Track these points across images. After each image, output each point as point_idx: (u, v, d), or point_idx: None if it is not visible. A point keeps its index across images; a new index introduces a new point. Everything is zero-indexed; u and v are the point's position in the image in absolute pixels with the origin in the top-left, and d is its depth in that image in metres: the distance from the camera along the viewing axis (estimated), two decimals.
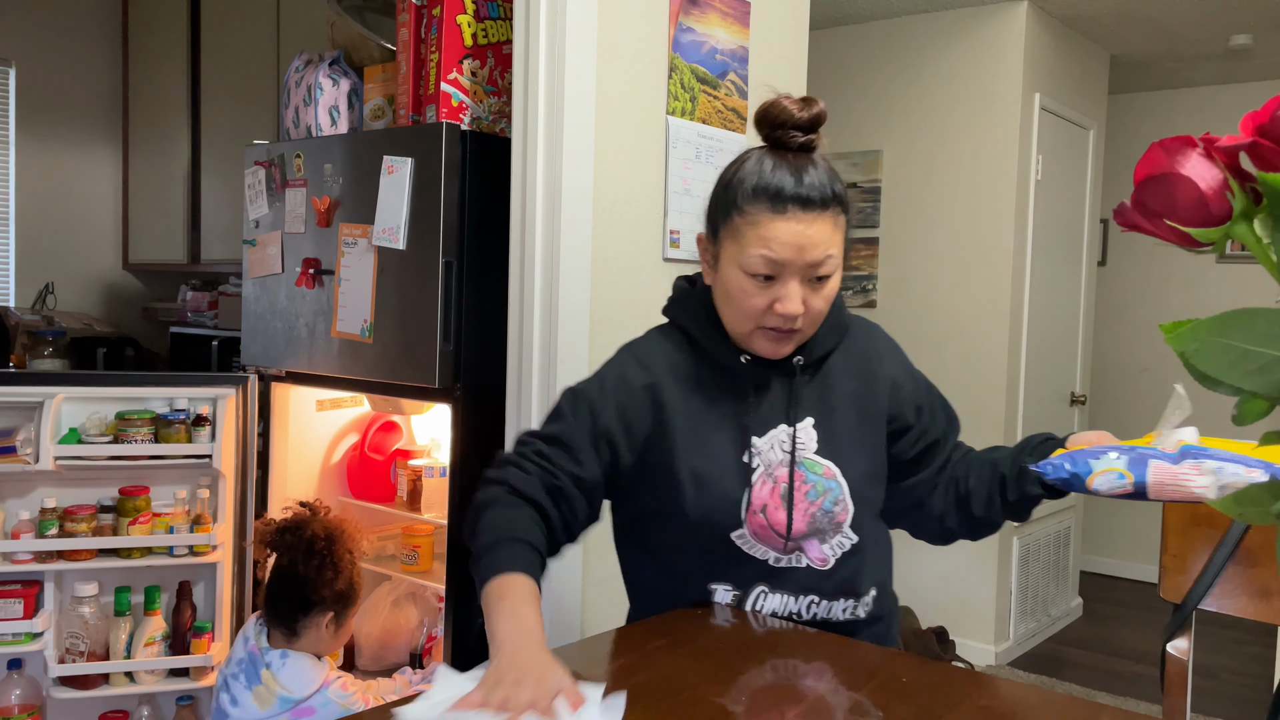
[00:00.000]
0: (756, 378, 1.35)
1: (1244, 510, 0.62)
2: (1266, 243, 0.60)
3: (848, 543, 1.35)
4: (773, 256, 1.24)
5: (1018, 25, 3.79)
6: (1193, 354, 0.57)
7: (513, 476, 1.26)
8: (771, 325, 1.28)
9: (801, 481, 1.32)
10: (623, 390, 1.34)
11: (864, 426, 1.38)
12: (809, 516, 1.32)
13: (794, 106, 1.26)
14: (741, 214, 1.27)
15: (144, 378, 2.52)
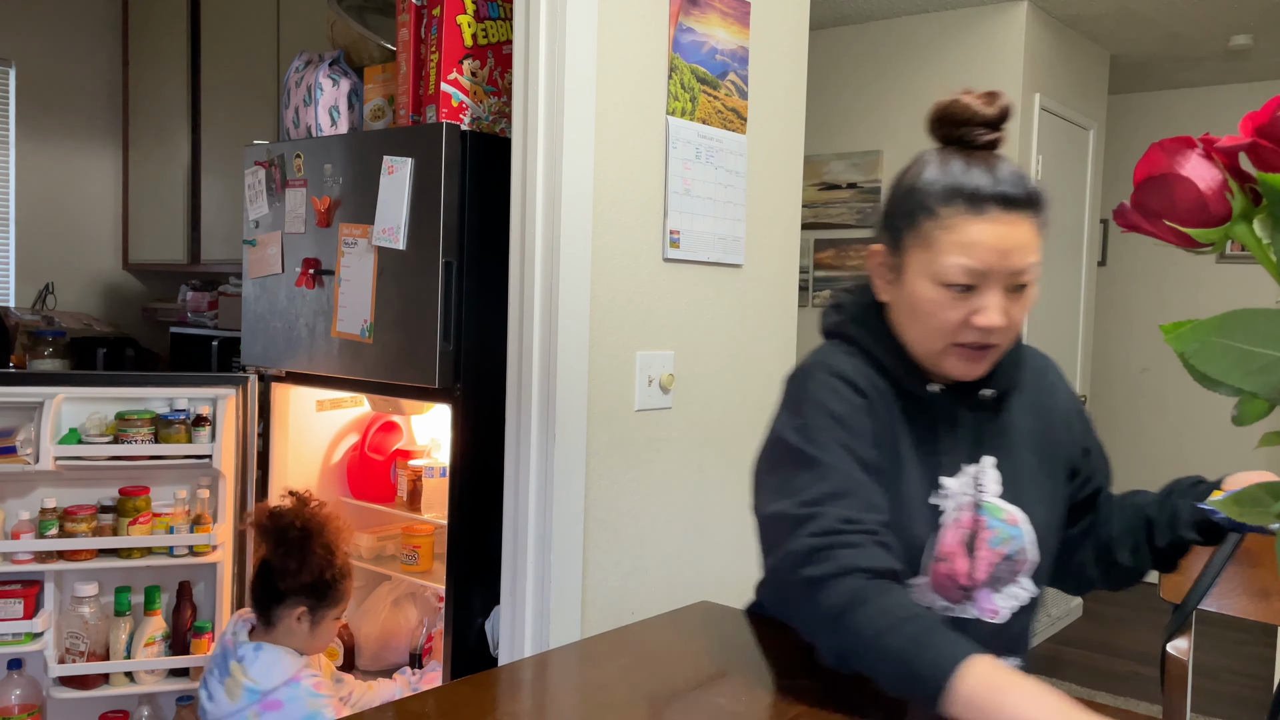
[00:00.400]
0: (946, 410, 1.21)
1: (1244, 510, 0.62)
2: (1266, 243, 0.60)
3: (1025, 595, 1.22)
4: (973, 264, 1.10)
5: (1018, 25, 3.79)
6: (1193, 354, 0.57)
7: (847, 558, 1.02)
8: (967, 341, 1.14)
9: (983, 527, 1.18)
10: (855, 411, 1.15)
11: (1044, 468, 1.25)
12: (990, 566, 1.19)
13: (978, 102, 1.17)
14: (934, 218, 1.13)
15: (144, 378, 2.52)
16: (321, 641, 2.08)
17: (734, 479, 2.36)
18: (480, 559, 2.19)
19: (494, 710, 1.06)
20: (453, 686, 1.13)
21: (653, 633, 1.28)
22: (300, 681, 1.97)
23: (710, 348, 2.29)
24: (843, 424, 1.13)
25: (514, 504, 2.05)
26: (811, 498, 1.07)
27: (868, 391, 1.17)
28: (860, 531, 1.05)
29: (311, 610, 2.03)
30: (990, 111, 1.16)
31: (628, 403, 2.10)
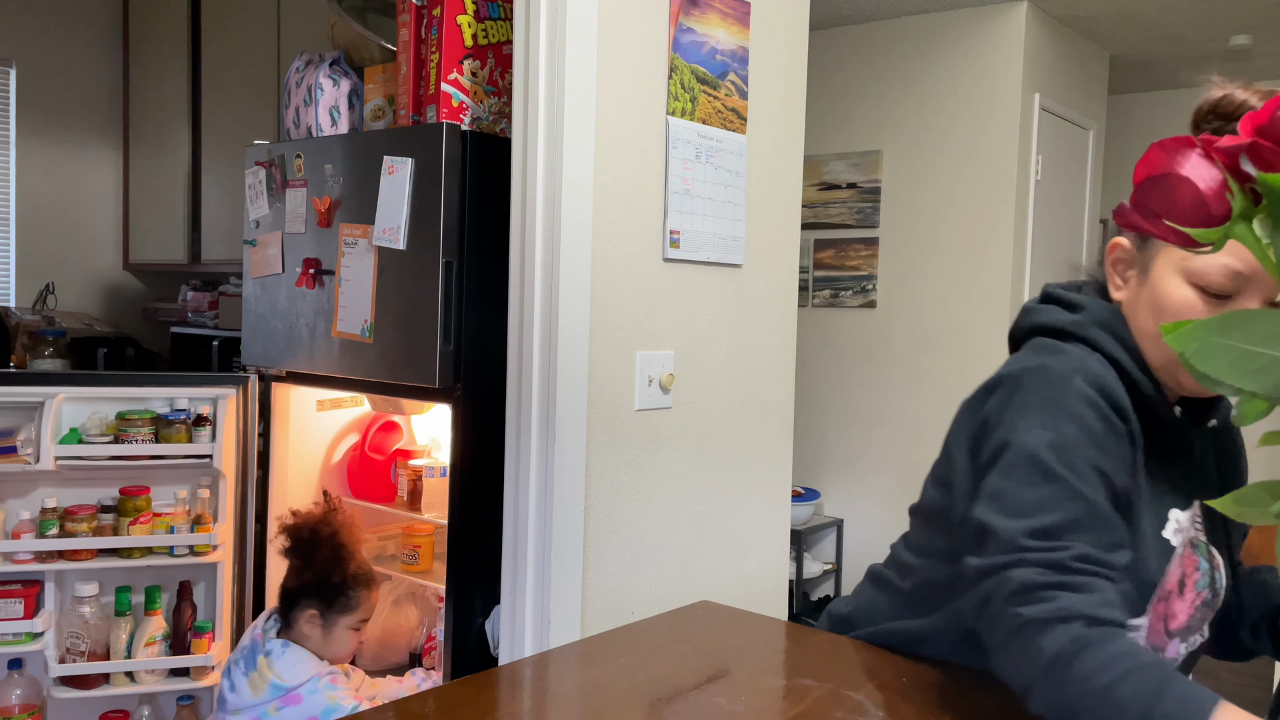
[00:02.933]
0: (1183, 436, 1.10)
1: (1243, 510, 0.62)
2: (1266, 243, 0.60)
3: (1199, 640, 1.13)
4: (1239, 268, 0.96)
5: (1017, 25, 3.79)
6: (1193, 354, 0.57)
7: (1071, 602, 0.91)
8: None
9: (1194, 568, 1.09)
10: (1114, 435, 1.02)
11: None
12: (1193, 610, 1.09)
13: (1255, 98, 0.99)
14: None
15: (144, 378, 2.52)
16: (337, 648, 2.07)
17: (734, 479, 2.36)
18: (480, 559, 2.19)
19: (494, 710, 1.06)
20: (453, 686, 1.13)
21: (653, 633, 1.28)
22: (319, 677, 1.98)
23: (710, 348, 2.29)
24: (1101, 447, 1.00)
25: (514, 504, 2.05)
26: (1047, 525, 0.95)
27: (1128, 410, 1.04)
28: (1094, 574, 0.93)
29: (322, 615, 2.03)
30: None
31: (628, 403, 2.10)
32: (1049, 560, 0.92)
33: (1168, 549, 1.06)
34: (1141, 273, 1.06)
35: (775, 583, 2.41)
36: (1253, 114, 0.58)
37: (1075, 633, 0.88)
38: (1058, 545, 0.93)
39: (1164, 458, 1.08)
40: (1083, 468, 0.97)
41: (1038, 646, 0.89)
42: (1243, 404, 0.59)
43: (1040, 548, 0.93)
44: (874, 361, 4.16)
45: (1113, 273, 1.10)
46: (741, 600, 2.18)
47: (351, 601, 2.05)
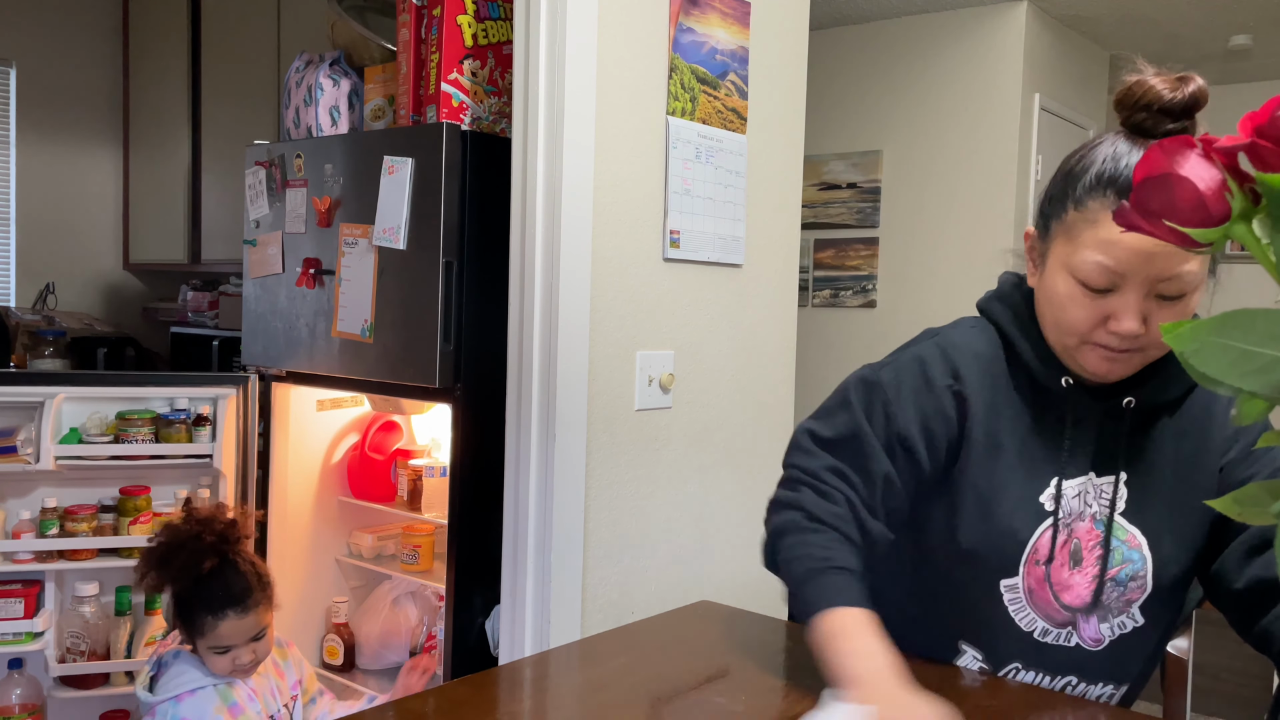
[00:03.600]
0: (1077, 409, 1.12)
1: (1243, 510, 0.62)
2: (1266, 243, 0.60)
3: (1130, 625, 1.15)
4: (1110, 265, 1.01)
5: (1017, 25, 3.79)
6: (1193, 354, 0.57)
7: (809, 501, 1.11)
8: (1102, 342, 1.06)
9: (1098, 543, 1.12)
10: (924, 386, 1.15)
11: (1188, 498, 1.13)
12: (1095, 585, 1.12)
13: (1164, 86, 1.02)
14: (1079, 208, 1.05)
15: (144, 378, 2.52)
16: (216, 670, 1.76)
17: (734, 478, 2.36)
18: (480, 559, 2.19)
19: (494, 710, 1.06)
20: (453, 686, 1.13)
21: (653, 633, 1.28)
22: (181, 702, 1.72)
23: (710, 348, 2.29)
24: (902, 397, 1.14)
25: (514, 504, 2.05)
26: (827, 438, 1.16)
27: (967, 372, 1.14)
28: (835, 490, 1.12)
29: (182, 630, 1.77)
30: (1176, 97, 1.01)
31: (628, 403, 2.10)
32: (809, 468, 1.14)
33: (1041, 512, 1.11)
34: (1041, 262, 1.13)
35: (775, 583, 2.41)
36: (1252, 114, 0.58)
37: (791, 519, 1.12)
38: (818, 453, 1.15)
39: (1053, 427, 1.13)
40: (874, 406, 1.15)
41: (770, 520, 1.16)
42: (1243, 404, 0.59)
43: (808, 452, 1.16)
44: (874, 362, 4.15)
45: (1027, 261, 1.18)
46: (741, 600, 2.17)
47: (198, 625, 1.74)
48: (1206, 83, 1.03)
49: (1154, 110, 1.03)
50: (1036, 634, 1.14)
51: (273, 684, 1.92)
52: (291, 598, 2.65)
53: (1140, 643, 1.16)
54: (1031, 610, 1.14)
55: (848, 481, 1.12)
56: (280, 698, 1.92)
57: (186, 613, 1.76)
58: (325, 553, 2.71)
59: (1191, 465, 1.14)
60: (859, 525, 1.11)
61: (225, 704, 1.80)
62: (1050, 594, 1.12)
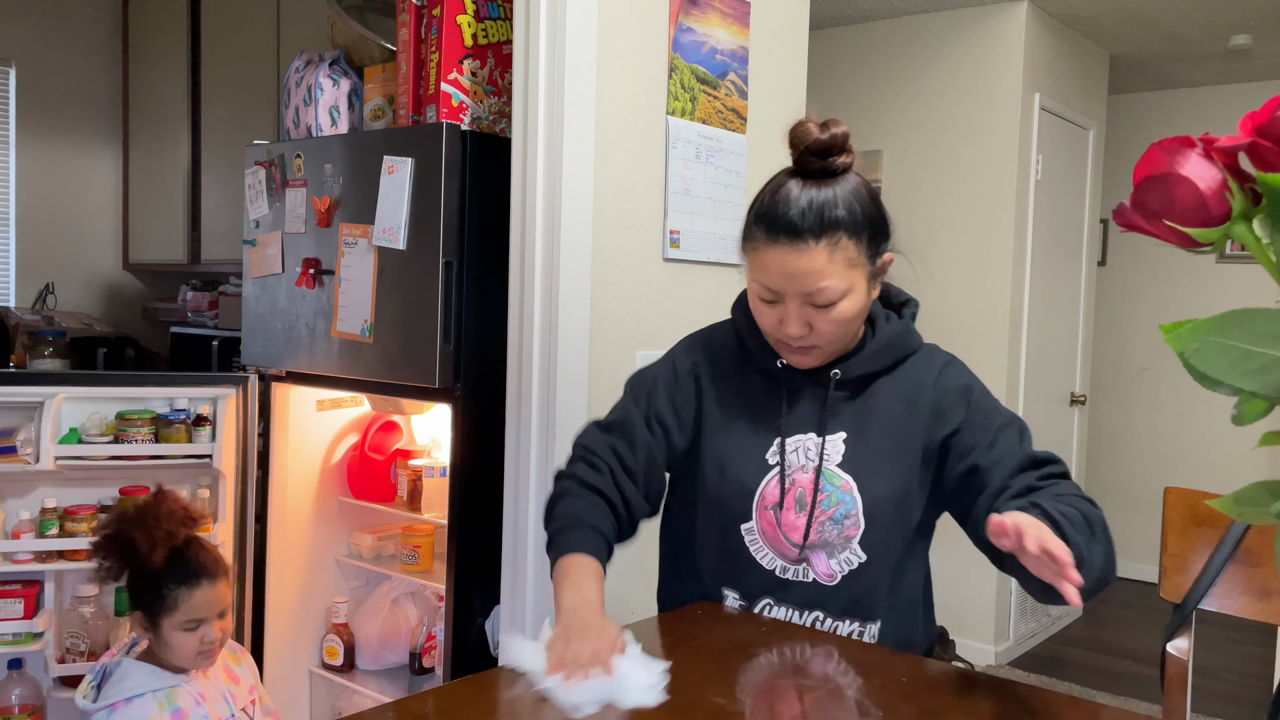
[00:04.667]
0: (790, 384, 1.36)
1: (1243, 510, 0.62)
2: (1266, 243, 0.60)
3: (855, 560, 1.32)
4: (767, 284, 1.27)
5: (1018, 25, 3.79)
6: (1193, 354, 0.57)
7: (580, 471, 1.36)
8: (784, 340, 1.30)
9: (819, 490, 1.32)
10: (672, 374, 1.42)
11: (897, 451, 1.33)
12: (818, 524, 1.31)
13: (814, 128, 1.24)
14: (749, 238, 1.29)
15: (144, 378, 2.52)
16: (175, 653, 1.76)
17: None
18: (480, 559, 2.19)
19: (494, 710, 1.06)
20: (453, 686, 1.13)
21: (653, 633, 1.28)
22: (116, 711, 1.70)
23: None
24: (657, 384, 1.41)
25: (514, 504, 2.05)
26: (603, 423, 1.42)
27: (703, 360, 1.42)
28: (603, 460, 1.36)
29: (146, 617, 1.77)
30: (821, 137, 1.23)
31: None
32: (586, 445, 1.39)
33: (765, 465, 1.34)
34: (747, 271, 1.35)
35: None
36: (1253, 114, 0.58)
37: (566, 486, 1.35)
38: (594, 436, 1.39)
39: (774, 399, 1.36)
40: (640, 393, 1.41)
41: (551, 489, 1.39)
42: (1242, 403, 0.59)
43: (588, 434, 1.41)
44: None
45: None
46: None
47: (168, 600, 1.74)
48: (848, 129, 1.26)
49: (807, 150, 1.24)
50: (777, 571, 1.34)
51: (223, 689, 1.88)
52: (291, 598, 2.65)
53: (871, 579, 1.33)
54: (768, 549, 1.34)
55: (615, 453, 1.36)
56: (235, 702, 1.88)
57: (153, 591, 1.75)
58: (325, 553, 2.71)
59: (901, 422, 1.34)
60: (618, 490, 1.34)
61: (168, 709, 1.76)
62: (780, 534, 1.33)
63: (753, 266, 1.28)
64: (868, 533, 1.32)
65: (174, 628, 1.76)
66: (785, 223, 1.22)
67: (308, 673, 2.70)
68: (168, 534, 1.78)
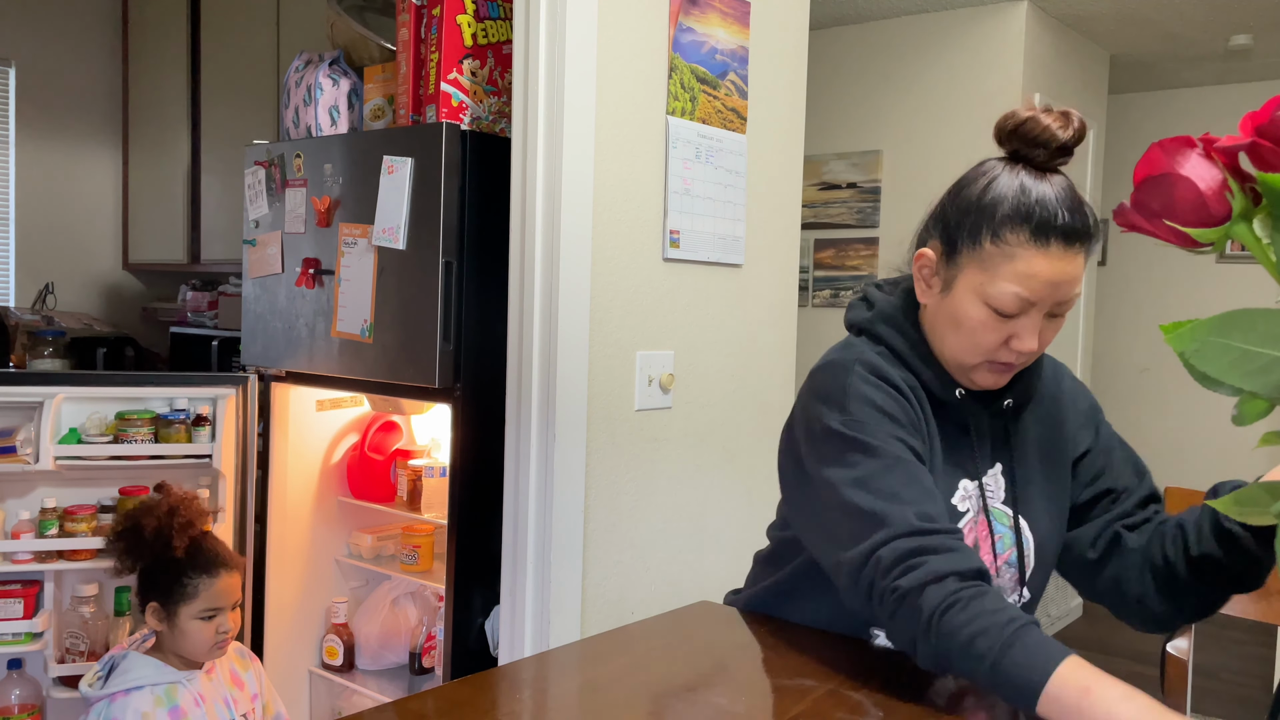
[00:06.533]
0: (970, 415, 1.23)
1: (1243, 510, 0.62)
2: (1266, 243, 0.60)
3: (1017, 600, 1.25)
4: (1027, 296, 1.11)
5: (1017, 25, 3.79)
6: (1193, 354, 0.57)
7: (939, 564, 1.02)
8: (1003, 360, 1.16)
9: (988, 532, 1.21)
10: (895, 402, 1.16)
11: (1050, 477, 1.26)
12: (995, 570, 1.21)
13: (1056, 125, 1.11)
14: (997, 241, 1.12)
15: (144, 378, 2.52)
16: (188, 643, 1.81)
17: (734, 479, 2.36)
18: (480, 559, 2.19)
19: (494, 710, 1.06)
20: (453, 686, 1.13)
21: (653, 633, 1.28)
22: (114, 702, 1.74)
23: (710, 348, 2.29)
24: (891, 418, 1.14)
25: (514, 504, 2.05)
26: (888, 489, 1.08)
27: (904, 389, 1.18)
28: (942, 531, 1.06)
29: (162, 606, 1.81)
30: (1066, 136, 1.11)
31: (628, 403, 2.10)
32: (906, 528, 1.05)
33: (957, 514, 1.20)
34: (945, 287, 1.18)
35: None
36: (1253, 114, 0.58)
37: (948, 589, 1.00)
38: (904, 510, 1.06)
39: (952, 434, 1.21)
40: (885, 437, 1.12)
41: (917, 607, 1.01)
42: (1243, 404, 0.59)
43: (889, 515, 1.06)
44: None
45: (919, 279, 1.22)
46: None
47: (188, 588, 1.80)
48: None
49: (1050, 147, 1.11)
50: None
51: (225, 692, 1.90)
52: (291, 598, 2.65)
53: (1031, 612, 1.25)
54: None
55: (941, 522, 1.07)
56: (236, 707, 1.90)
57: (173, 580, 1.80)
58: (325, 553, 2.71)
59: (1052, 447, 1.26)
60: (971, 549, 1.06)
61: (165, 706, 1.79)
62: None
63: (1000, 275, 1.11)
64: (1035, 571, 1.23)
65: (192, 617, 1.81)
66: (1063, 227, 1.09)
67: (308, 673, 2.70)
68: (188, 522, 1.85)
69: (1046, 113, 1.11)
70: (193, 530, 1.86)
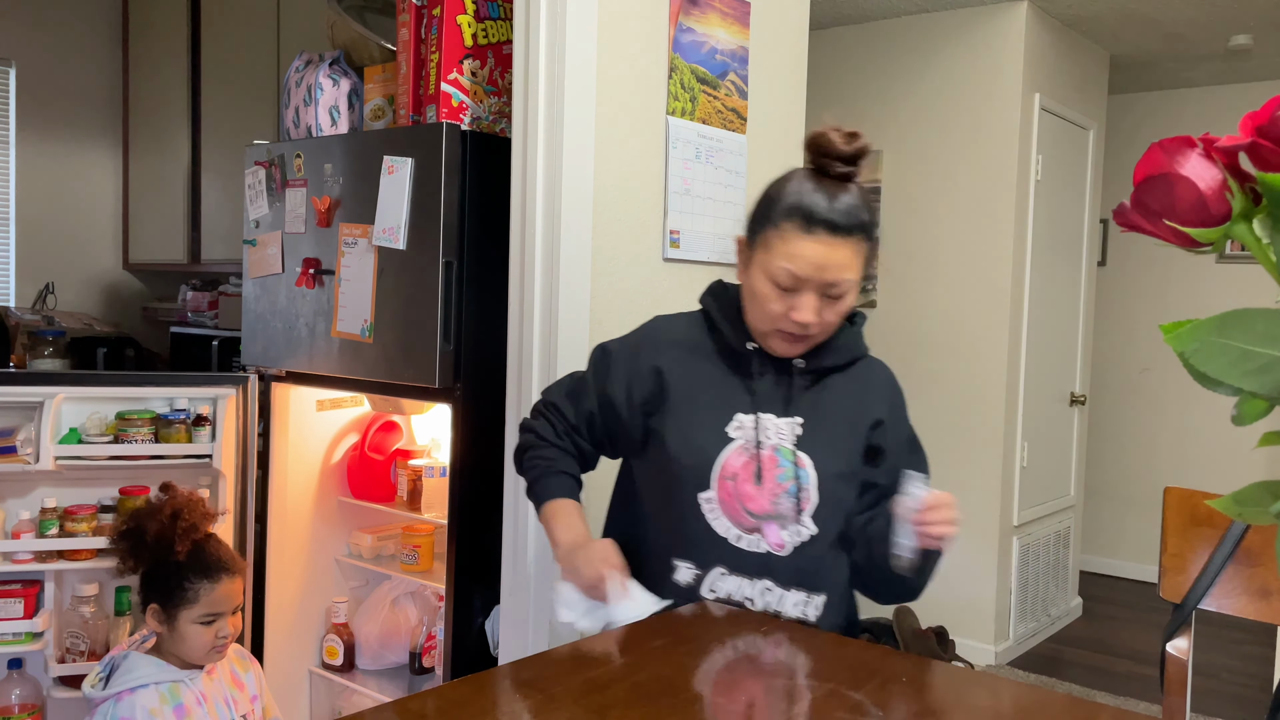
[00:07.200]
0: (757, 366, 1.47)
1: (1243, 510, 0.62)
2: (1266, 243, 0.60)
3: (806, 533, 1.43)
4: (795, 271, 1.36)
5: (1018, 25, 3.79)
6: (1193, 354, 0.57)
7: (540, 427, 1.56)
8: (787, 329, 1.40)
9: (775, 465, 1.43)
10: (632, 358, 1.52)
11: (846, 438, 1.48)
12: (774, 496, 1.42)
13: (839, 139, 1.37)
14: (775, 228, 1.38)
15: (144, 378, 2.52)
16: (187, 647, 1.81)
17: None
18: (480, 559, 2.19)
19: (494, 710, 1.06)
20: (453, 686, 1.13)
21: (653, 633, 1.28)
22: (120, 701, 1.74)
23: None
24: (619, 361, 1.53)
25: (514, 504, 2.05)
26: (564, 390, 1.59)
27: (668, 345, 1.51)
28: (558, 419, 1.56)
29: (162, 608, 1.81)
30: (846, 149, 1.37)
31: None
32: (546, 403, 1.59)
33: (725, 439, 1.44)
34: (746, 266, 1.46)
35: None
36: (1253, 114, 0.58)
37: (529, 439, 1.57)
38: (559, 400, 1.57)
39: (737, 379, 1.47)
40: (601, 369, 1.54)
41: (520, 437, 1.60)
42: (1242, 404, 0.59)
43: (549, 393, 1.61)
44: None
45: (738, 260, 1.50)
46: None
47: (189, 593, 1.79)
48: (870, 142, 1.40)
49: (831, 156, 1.37)
50: (731, 540, 1.42)
51: (226, 692, 1.90)
52: (291, 598, 2.65)
53: (818, 551, 1.44)
54: (725, 518, 1.43)
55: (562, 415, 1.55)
56: (236, 707, 1.90)
57: (174, 584, 1.80)
58: (325, 553, 2.71)
59: (851, 413, 1.49)
60: (574, 443, 1.55)
61: (170, 704, 1.79)
62: (738, 504, 1.42)
63: (776, 254, 1.37)
64: (819, 507, 1.43)
65: (191, 621, 1.80)
66: (824, 218, 1.34)
67: (308, 673, 2.70)
68: (192, 526, 1.84)
69: (835, 129, 1.37)
70: (196, 534, 1.85)
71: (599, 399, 1.54)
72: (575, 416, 1.55)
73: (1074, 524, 4.51)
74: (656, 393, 1.49)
